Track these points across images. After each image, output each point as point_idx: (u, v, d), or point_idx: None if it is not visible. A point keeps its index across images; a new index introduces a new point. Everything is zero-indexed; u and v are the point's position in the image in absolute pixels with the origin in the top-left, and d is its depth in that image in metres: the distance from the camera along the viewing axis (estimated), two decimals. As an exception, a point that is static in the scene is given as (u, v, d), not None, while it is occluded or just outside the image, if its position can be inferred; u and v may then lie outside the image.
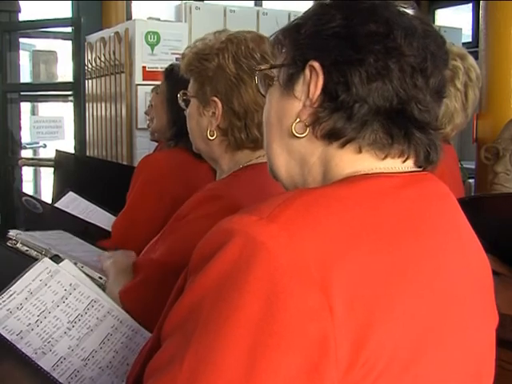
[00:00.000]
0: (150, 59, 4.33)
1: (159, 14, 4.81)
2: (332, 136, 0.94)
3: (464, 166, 4.09)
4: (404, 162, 0.95)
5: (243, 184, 1.50)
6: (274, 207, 0.82)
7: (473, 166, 3.39)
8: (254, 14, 5.26)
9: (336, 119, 0.93)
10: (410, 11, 0.96)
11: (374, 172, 0.93)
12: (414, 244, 0.88)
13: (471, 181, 3.77)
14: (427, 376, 0.85)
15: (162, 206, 2.13)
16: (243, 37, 1.56)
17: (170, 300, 0.99)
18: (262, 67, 1.08)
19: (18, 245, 1.75)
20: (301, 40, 0.97)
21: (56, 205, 2.72)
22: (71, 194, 2.78)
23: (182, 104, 1.64)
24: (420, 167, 0.98)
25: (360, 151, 0.94)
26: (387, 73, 0.91)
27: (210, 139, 1.55)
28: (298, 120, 0.97)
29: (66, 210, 2.57)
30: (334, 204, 0.85)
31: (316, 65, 0.94)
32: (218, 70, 1.53)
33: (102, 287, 1.51)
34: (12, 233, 1.77)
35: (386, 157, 0.94)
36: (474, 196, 2.55)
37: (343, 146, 0.94)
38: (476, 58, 3.21)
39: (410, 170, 0.96)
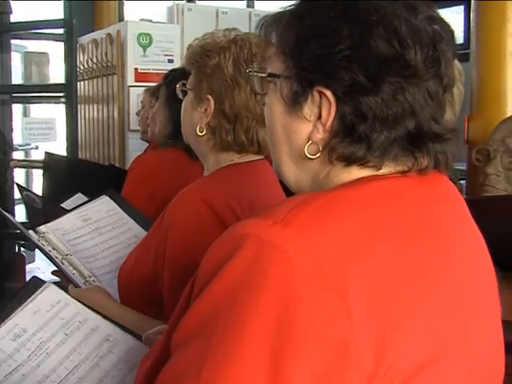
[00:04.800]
0: (142, 61, 4.33)
1: (151, 16, 4.80)
2: (351, 161, 0.90)
3: (455, 167, 4.10)
4: (422, 171, 0.92)
5: (221, 182, 1.51)
6: (288, 211, 0.81)
7: (464, 168, 3.39)
8: (247, 16, 5.26)
9: (355, 149, 0.89)
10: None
11: (385, 173, 0.91)
12: (427, 244, 0.87)
13: (462, 182, 3.78)
14: (446, 378, 0.85)
15: (152, 205, 2.13)
16: (248, 40, 1.55)
17: (178, 308, 0.95)
18: (259, 73, 1.02)
19: (43, 242, 1.80)
20: (306, 62, 0.90)
21: (62, 205, 2.71)
22: (80, 196, 2.78)
23: (180, 95, 1.64)
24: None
25: (380, 168, 0.91)
26: (403, 98, 0.87)
27: (198, 135, 1.56)
28: (310, 142, 0.92)
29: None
30: (347, 207, 0.84)
31: (328, 94, 0.88)
32: (216, 68, 1.52)
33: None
34: (42, 228, 1.82)
35: (408, 171, 0.91)
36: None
37: (362, 166, 0.91)
38: (468, 60, 3.22)
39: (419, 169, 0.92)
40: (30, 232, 1.79)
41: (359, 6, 0.88)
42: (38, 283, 1.43)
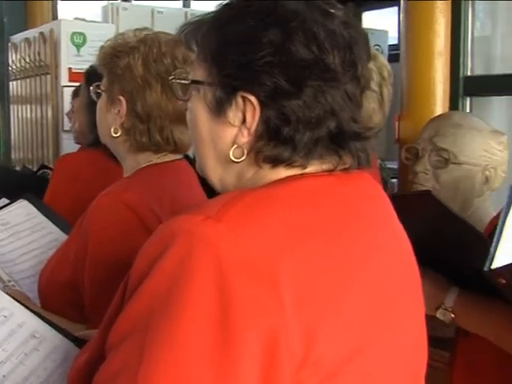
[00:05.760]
0: (75, 60, 4.25)
1: (86, 15, 4.73)
2: (278, 162, 0.94)
3: (388, 166, 4.17)
4: (346, 169, 0.97)
5: (142, 184, 1.51)
6: (219, 207, 0.83)
7: (396, 166, 3.45)
8: (182, 16, 5.23)
9: (281, 150, 0.92)
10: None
11: (312, 172, 0.94)
12: (353, 240, 0.91)
13: (394, 181, 3.84)
14: (371, 371, 0.88)
15: (78, 207, 2.11)
16: (158, 39, 1.55)
17: (111, 309, 0.96)
18: (181, 80, 1.04)
19: None
20: (228, 69, 0.93)
21: None
22: (4, 201, 2.73)
23: (94, 96, 1.63)
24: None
25: (306, 167, 0.94)
26: (325, 100, 0.91)
27: (114, 137, 1.55)
28: (235, 146, 0.95)
29: None
30: (276, 204, 0.87)
31: (252, 99, 0.91)
32: (126, 69, 1.52)
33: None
34: None
35: (333, 170, 0.95)
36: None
37: (289, 166, 0.94)
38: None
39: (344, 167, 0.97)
40: None
41: (278, 12, 0.91)
42: None
